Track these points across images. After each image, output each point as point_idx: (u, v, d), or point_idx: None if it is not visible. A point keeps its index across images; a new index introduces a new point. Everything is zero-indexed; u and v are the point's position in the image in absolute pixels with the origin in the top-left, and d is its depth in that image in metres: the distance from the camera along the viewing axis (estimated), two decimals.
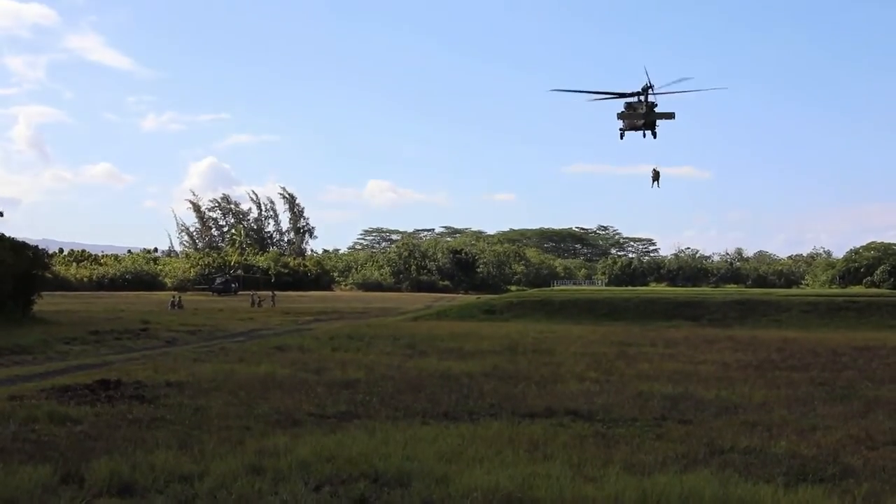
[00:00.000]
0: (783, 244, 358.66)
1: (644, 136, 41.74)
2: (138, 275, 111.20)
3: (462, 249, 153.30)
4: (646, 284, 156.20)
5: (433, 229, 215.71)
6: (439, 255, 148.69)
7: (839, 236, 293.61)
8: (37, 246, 48.10)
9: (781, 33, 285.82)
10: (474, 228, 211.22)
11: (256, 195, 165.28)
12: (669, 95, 40.90)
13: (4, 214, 44.97)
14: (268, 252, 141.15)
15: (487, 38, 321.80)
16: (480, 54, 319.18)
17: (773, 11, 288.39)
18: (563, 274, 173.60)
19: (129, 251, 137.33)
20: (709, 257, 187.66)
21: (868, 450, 12.93)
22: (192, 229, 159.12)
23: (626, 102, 41.43)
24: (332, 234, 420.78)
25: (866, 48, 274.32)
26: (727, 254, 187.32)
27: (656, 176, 43.84)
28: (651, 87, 40.59)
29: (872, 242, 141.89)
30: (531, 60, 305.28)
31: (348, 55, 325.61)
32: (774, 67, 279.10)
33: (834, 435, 13.90)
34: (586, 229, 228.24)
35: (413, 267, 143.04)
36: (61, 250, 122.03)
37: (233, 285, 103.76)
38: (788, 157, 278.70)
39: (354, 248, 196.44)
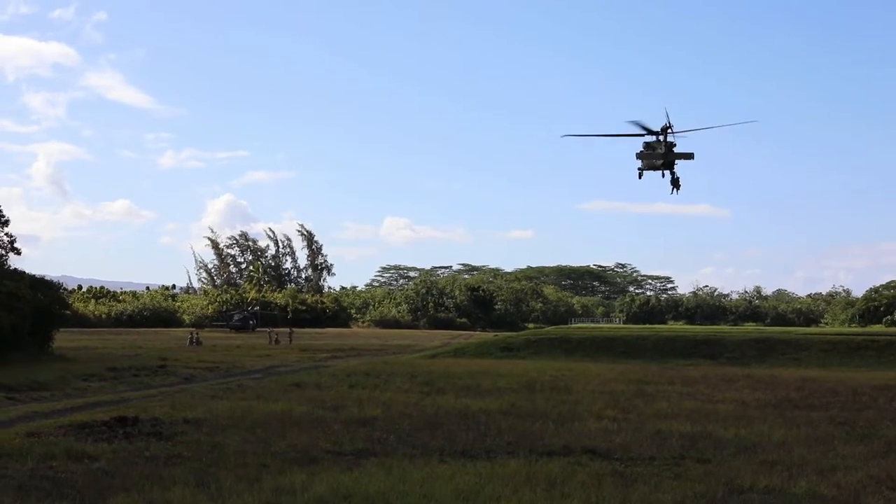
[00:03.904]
0: (801, 282, 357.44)
1: (663, 175, 41.59)
2: (156, 311, 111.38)
3: (479, 287, 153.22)
4: (664, 322, 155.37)
5: (451, 266, 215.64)
6: (457, 292, 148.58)
7: (857, 274, 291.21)
8: (55, 282, 48.44)
9: (797, 72, 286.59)
10: (492, 265, 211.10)
11: (273, 232, 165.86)
12: (686, 133, 40.86)
13: (22, 253, 45.25)
14: (285, 289, 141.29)
15: (505, 80, 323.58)
16: (498, 94, 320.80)
17: (790, 54, 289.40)
18: (580, 311, 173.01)
19: (148, 288, 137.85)
20: (727, 295, 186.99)
21: (889, 490, 12.82)
22: (210, 266, 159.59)
23: (645, 142, 41.34)
24: (350, 271, 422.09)
25: (885, 89, 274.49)
26: (746, 292, 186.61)
27: (675, 183, 42.46)
28: (670, 126, 40.47)
29: (892, 281, 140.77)
30: (549, 100, 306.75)
31: (365, 95, 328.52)
32: (791, 107, 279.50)
33: (854, 475, 13.78)
34: (604, 267, 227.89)
35: (430, 304, 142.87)
36: (80, 287, 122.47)
37: (251, 322, 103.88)
38: (805, 195, 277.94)
39: (372, 285, 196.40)
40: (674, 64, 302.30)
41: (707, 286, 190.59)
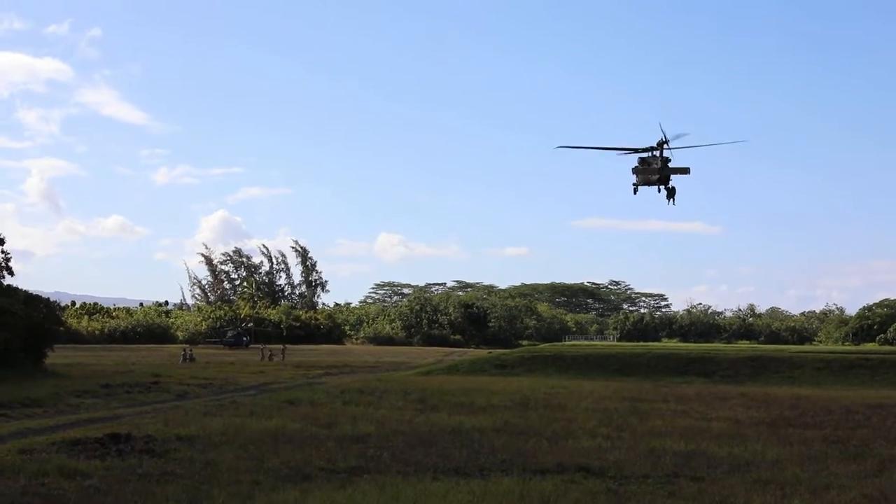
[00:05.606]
0: (794, 300, 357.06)
1: (659, 191, 41.54)
2: (150, 328, 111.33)
3: (473, 304, 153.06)
4: (658, 340, 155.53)
5: (445, 283, 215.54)
6: (451, 309, 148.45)
7: (851, 293, 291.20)
8: (49, 299, 48.34)
9: (791, 88, 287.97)
10: (486, 283, 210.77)
11: (268, 249, 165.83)
12: (680, 150, 40.85)
13: (14, 272, 45.13)
14: (279, 305, 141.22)
15: (500, 95, 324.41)
16: (492, 109, 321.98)
17: (784, 69, 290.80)
18: (574, 329, 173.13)
19: (141, 304, 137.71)
20: (721, 313, 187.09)
21: None
22: (203, 282, 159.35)
23: (640, 157, 41.28)
24: (344, 288, 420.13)
25: (875, 107, 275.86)
26: (739, 310, 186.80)
27: (671, 192, 42.30)
28: (666, 141, 40.40)
29: (885, 299, 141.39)
30: (543, 115, 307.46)
31: (360, 112, 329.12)
32: (785, 123, 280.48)
33: (848, 494, 13.79)
34: (598, 284, 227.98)
35: (424, 321, 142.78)
36: (73, 303, 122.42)
37: (244, 339, 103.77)
38: (799, 213, 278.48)
39: (366, 302, 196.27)
40: (669, 78, 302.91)
41: (701, 304, 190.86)
